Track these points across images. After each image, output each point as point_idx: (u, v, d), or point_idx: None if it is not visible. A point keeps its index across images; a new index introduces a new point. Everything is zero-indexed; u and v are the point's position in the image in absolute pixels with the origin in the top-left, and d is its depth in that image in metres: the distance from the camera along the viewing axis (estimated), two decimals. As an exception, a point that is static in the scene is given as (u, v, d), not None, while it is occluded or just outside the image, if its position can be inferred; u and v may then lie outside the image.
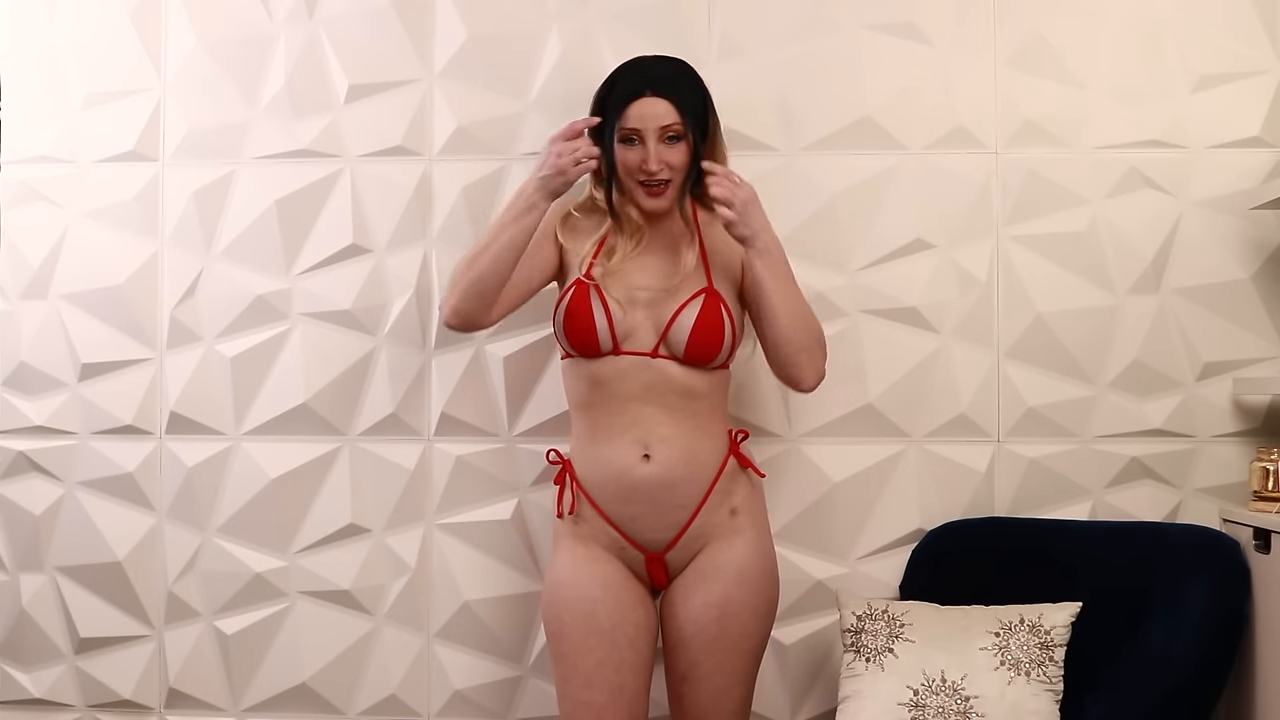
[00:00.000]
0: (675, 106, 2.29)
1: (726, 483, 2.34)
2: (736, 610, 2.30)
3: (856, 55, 2.70)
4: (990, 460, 2.67)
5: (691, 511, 2.30)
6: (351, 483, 2.77)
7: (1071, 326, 2.66)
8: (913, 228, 2.68)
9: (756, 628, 2.34)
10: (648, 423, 2.29)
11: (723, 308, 2.31)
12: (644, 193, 2.33)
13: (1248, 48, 2.66)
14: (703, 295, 2.31)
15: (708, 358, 2.31)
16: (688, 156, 2.31)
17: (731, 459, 2.35)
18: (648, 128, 2.28)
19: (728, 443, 2.37)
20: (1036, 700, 2.28)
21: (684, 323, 2.29)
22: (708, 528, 2.32)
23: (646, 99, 2.29)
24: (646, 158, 2.28)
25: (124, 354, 2.81)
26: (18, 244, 2.86)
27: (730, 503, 2.34)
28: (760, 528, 2.38)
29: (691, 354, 2.30)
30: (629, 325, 2.31)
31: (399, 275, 2.76)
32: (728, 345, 2.32)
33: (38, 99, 2.86)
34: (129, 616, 2.81)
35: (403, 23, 2.77)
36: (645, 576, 2.37)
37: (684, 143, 2.31)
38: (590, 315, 2.30)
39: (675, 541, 2.32)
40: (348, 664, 2.77)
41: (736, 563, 2.32)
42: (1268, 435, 2.63)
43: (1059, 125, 2.67)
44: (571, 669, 2.31)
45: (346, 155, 2.78)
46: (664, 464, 2.28)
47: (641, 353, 2.30)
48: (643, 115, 2.29)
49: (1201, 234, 2.65)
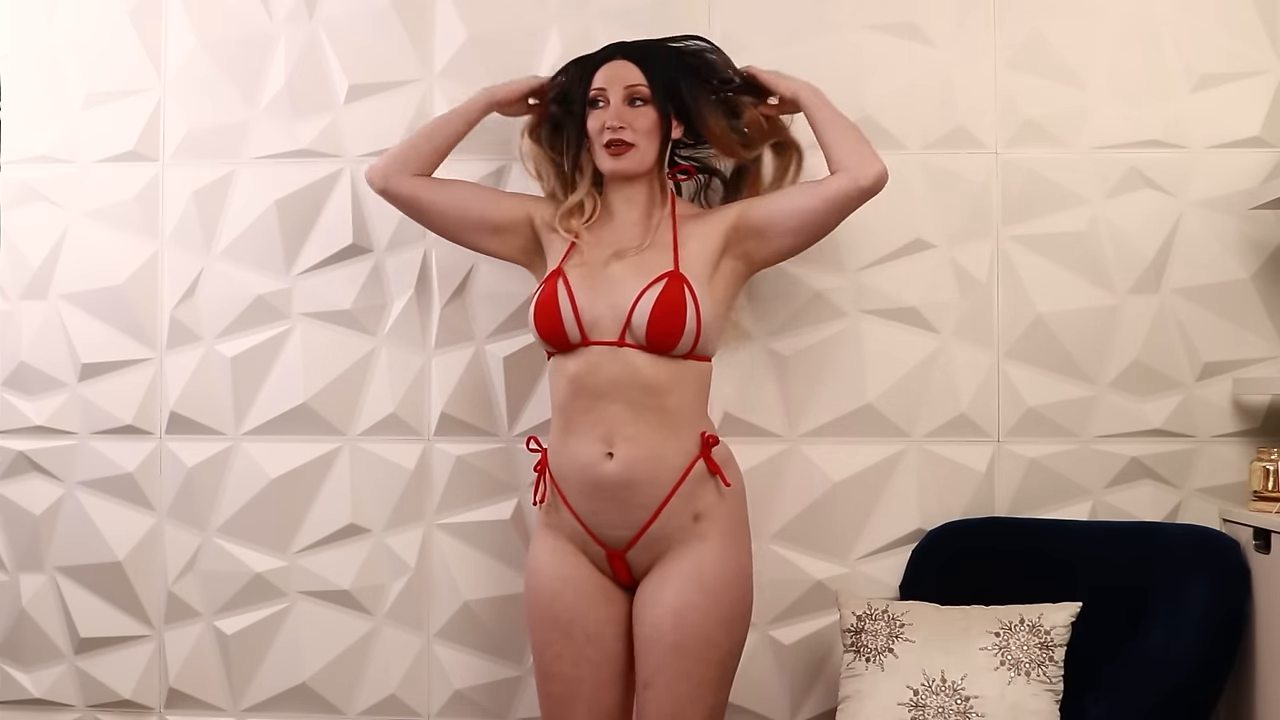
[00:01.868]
0: (642, 71, 2.31)
1: (692, 487, 2.26)
2: (698, 617, 2.23)
3: (857, 55, 2.70)
4: (990, 460, 2.67)
5: (652, 512, 2.25)
6: (351, 483, 2.77)
7: (1071, 326, 2.66)
8: (913, 228, 2.68)
9: (723, 637, 2.25)
10: (613, 420, 2.25)
11: (687, 291, 2.24)
12: (607, 154, 2.31)
13: (1248, 48, 2.66)
14: (665, 279, 2.25)
15: (668, 344, 2.24)
16: (655, 123, 2.30)
17: (700, 463, 2.28)
18: (612, 87, 2.31)
19: (698, 446, 2.29)
20: (1036, 700, 2.28)
21: (644, 307, 2.23)
22: (670, 530, 2.26)
23: (615, 62, 2.33)
24: (609, 117, 2.29)
25: (124, 354, 2.81)
26: (18, 244, 2.86)
27: (694, 507, 2.27)
28: (728, 535, 2.29)
29: (652, 340, 2.23)
30: (595, 314, 2.27)
31: (399, 275, 2.76)
32: (691, 330, 2.24)
33: (38, 99, 2.86)
34: (129, 616, 2.82)
35: (403, 23, 2.77)
36: (610, 572, 2.33)
37: (650, 108, 2.30)
38: (556, 304, 2.29)
39: (635, 541, 2.27)
40: (348, 664, 2.77)
41: (699, 569, 2.24)
42: (1268, 435, 2.63)
43: (1059, 125, 2.68)
44: (537, 659, 2.38)
45: (346, 155, 2.78)
46: (626, 463, 2.24)
47: (608, 342, 2.26)
48: (609, 76, 2.32)
49: (1201, 234, 2.66)
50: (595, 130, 2.32)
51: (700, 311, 2.25)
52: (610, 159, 2.31)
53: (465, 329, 2.75)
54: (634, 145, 2.30)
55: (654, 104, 2.30)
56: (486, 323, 2.74)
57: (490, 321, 2.74)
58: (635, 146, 2.30)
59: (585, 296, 2.28)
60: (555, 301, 2.29)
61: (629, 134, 2.29)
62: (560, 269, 2.33)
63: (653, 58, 2.34)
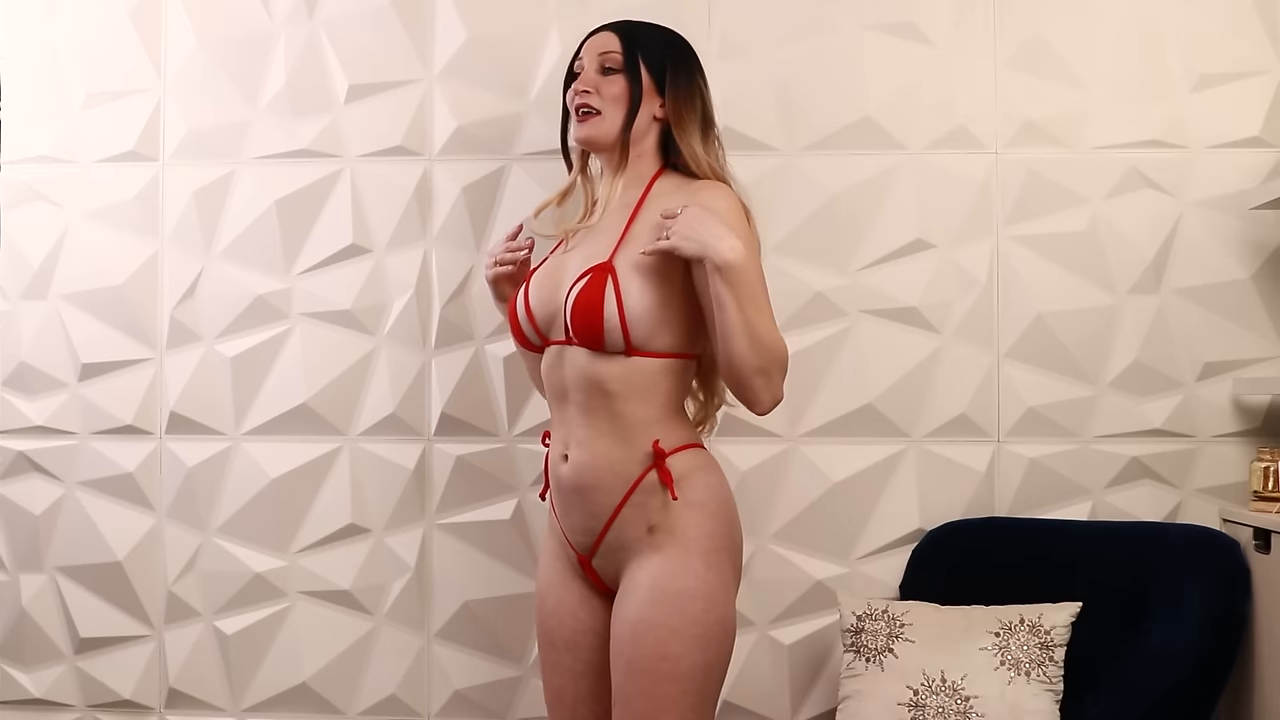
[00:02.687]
0: (619, 39, 2.20)
1: (643, 497, 2.08)
2: (649, 630, 2.03)
3: (856, 55, 2.70)
4: (990, 460, 2.67)
5: (605, 520, 2.12)
6: (351, 483, 2.77)
7: (1071, 326, 2.66)
8: (913, 228, 2.68)
9: (679, 651, 2.02)
10: (571, 422, 2.13)
11: (610, 283, 2.05)
12: (576, 121, 2.20)
13: (1248, 48, 2.66)
14: (591, 273, 2.07)
15: (594, 340, 2.06)
16: (625, 90, 2.17)
17: (653, 473, 2.08)
18: (588, 56, 2.21)
19: (650, 455, 2.08)
20: (1036, 700, 2.28)
21: (570, 303, 2.08)
22: (625, 541, 2.10)
23: (597, 35, 2.23)
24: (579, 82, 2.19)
25: (124, 354, 2.81)
26: (18, 244, 2.86)
27: (648, 519, 2.08)
28: (686, 546, 2.06)
29: (579, 336, 2.07)
30: (547, 312, 2.15)
31: (399, 275, 2.76)
32: (613, 325, 2.04)
33: (38, 99, 2.86)
34: (129, 616, 2.82)
35: (403, 23, 2.77)
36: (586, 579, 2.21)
37: (621, 76, 2.18)
38: (515, 306, 2.22)
39: (595, 547, 2.15)
40: (348, 664, 2.77)
41: (650, 580, 2.05)
42: (1268, 435, 2.63)
43: (1059, 125, 2.68)
44: None
45: (346, 155, 2.78)
46: (577, 467, 2.11)
47: (560, 341, 2.14)
48: (589, 47, 2.22)
49: (1201, 234, 2.66)
50: (570, 102, 2.22)
51: (623, 305, 2.04)
52: (579, 126, 2.20)
53: (465, 329, 2.75)
54: (599, 112, 2.17)
55: (624, 72, 2.18)
56: (486, 323, 2.74)
57: (490, 321, 2.74)
58: (600, 114, 2.17)
59: (537, 296, 2.18)
60: (514, 304, 2.22)
61: (594, 99, 2.17)
62: (532, 268, 2.24)
63: (633, 34, 2.22)
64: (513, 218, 2.72)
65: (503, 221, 2.74)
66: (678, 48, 2.24)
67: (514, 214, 2.73)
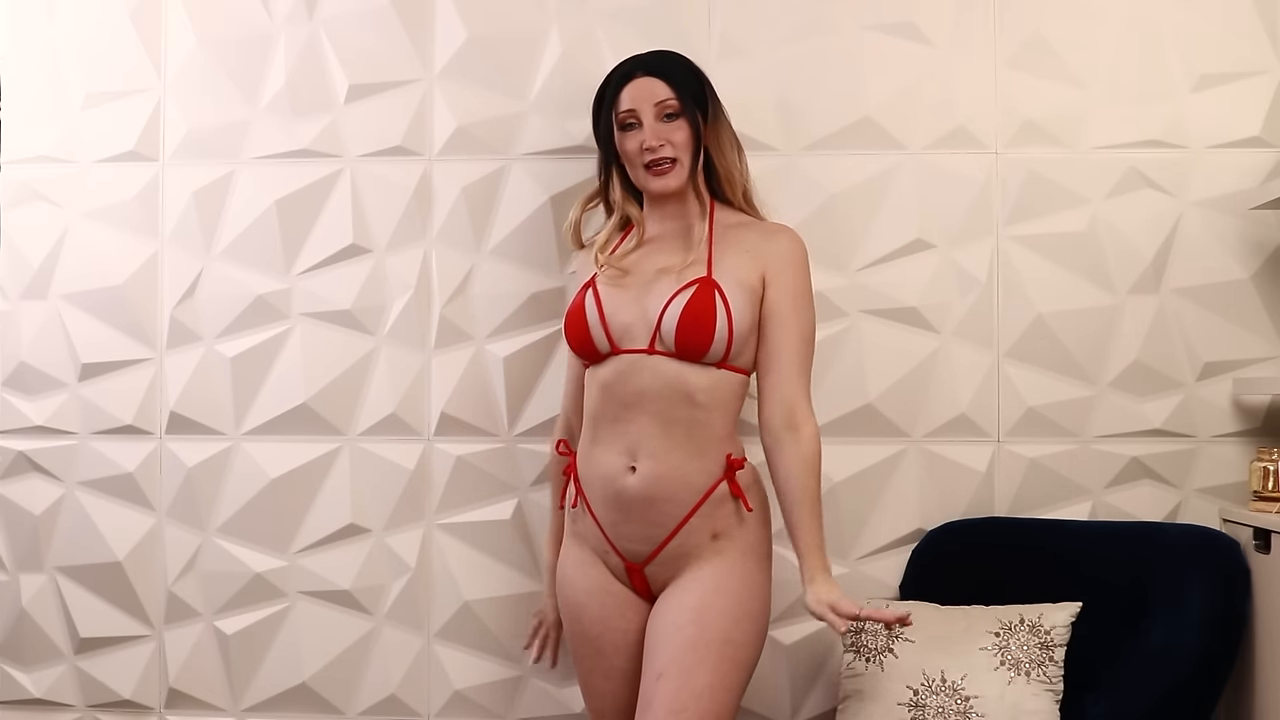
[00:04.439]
0: (668, 84, 2.26)
1: (712, 508, 2.21)
2: (718, 615, 2.17)
3: (856, 55, 2.70)
4: (990, 460, 2.67)
5: (670, 530, 2.21)
6: (351, 483, 2.77)
7: (1071, 326, 2.66)
8: (913, 228, 2.68)
9: (740, 639, 2.18)
10: (639, 433, 2.21)
11: (718, 295, 2.19)
12: (650, 174, 2.27)
13: (1248, 48, 2.66)
14: (696, 284, 2.20)
15: (698, 349, 2.18)
16: (690, 134, 2.26)
17: (723, 485, 2.22)
18: (642, 106, 2.26)
19: (723, 467, 2.23)
20: (1036, 700, 2.28)
21: (673, 312, 2.19)
22: (688, 548, 2.21)
23: (638, 79, 2.27)
24: (646, 136, 2.25)
25: (124, 354, 2.81)
26: (18, 244, 2.86)
27: (714, 527, 2.22)
28: (747, 554, 2.23)
29: (681, 345, 2.18)
30: (624, 321, 2.24)
31: (399, 275, 2.76)
32: (722, 336, 2.18)
33: (38, 99, 2.86)
34: (129, 616, 2.82)
35: (403, 23, 2.77)
36: (629, 584, 2.29)
37: (683, 120, 2.26)
38: (584, 314, 2.27)
39: (653, 556, 2.23)
40: (348, 664, 2.77)
41: (717, 575, 2.19)
42: (1268, 435, 2.63)
43: (1059, 125, 2.68)
44: (578, 674, 2.40)
45: (346, 155, 2.78)
46: (647, 479, 2.20)
47: (638, 350, 2.22)
48: (636, 95, 2.26)
49: (1201, 234, 2.66)
50: (634, 152, 2.27)
51: (732, 317, 2.19)
52: (655, 179, 2.27)
53: (465, 329, 2.75)
54: (676, 160, 2.26)
55: (685, 116, 2.26)
56: (486, 323, 2.74)
57: (490, 321, 2.74)
58: (677, 161, 2.26)
59: (613, 305, 2.25)
60: (583, 311, 2.27)
61: (669, 150, 2.25)
62: (592, 280, 2.30)
63: (673, 71, 2.29)
64: (513, 217, 2.73)
65: (502, 221, 2.74)
66: (700, 74, 2.35)
67: (514, 214, 2.73)
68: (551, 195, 2.72)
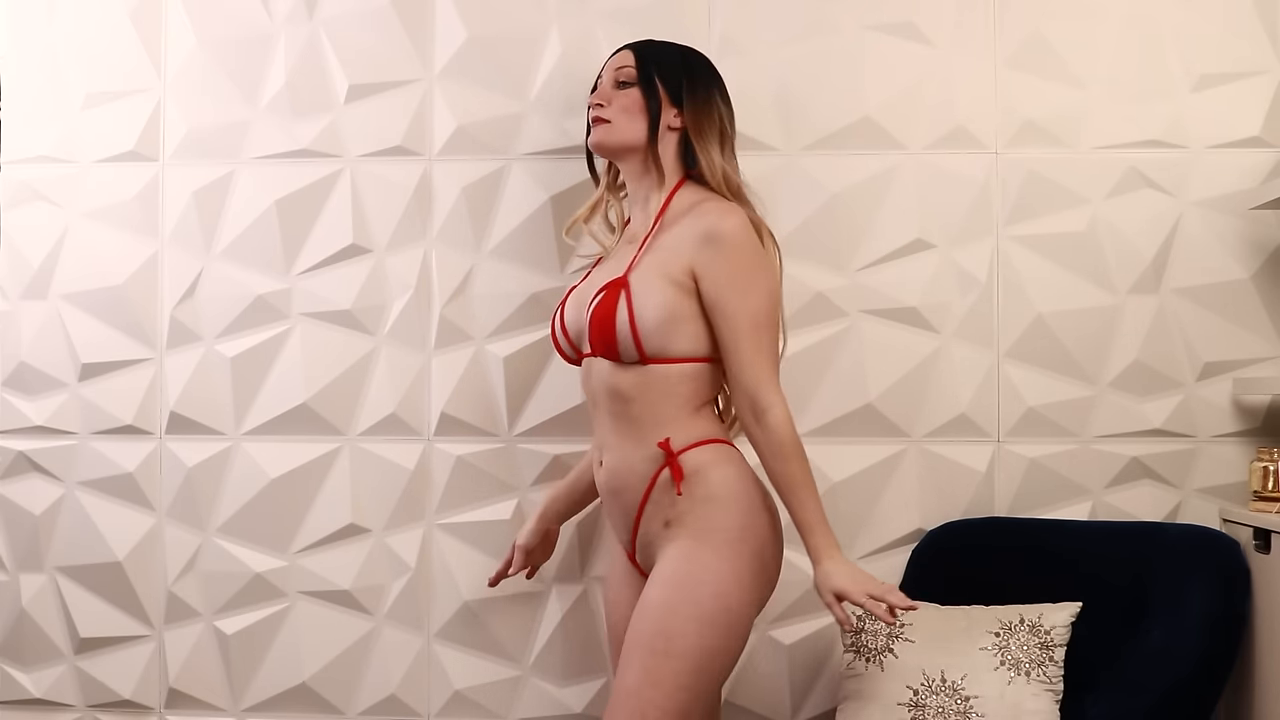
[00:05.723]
0: (637, 58, 2.32)
1: (660, 494, 2.19)
2: (651, 608, 2.09)
3: (856, 55, 2.70)
4: (990, 460, 2.67)
5: (635, 519, 2.24)
6: (351, 483, 2.77)
7: (1071, 326, 2.66)
8: (913, 228, 2.68)
9: (677, 629, 2.06)
10: (601, 430, 2.28)
11: (623, 298, 2.16)
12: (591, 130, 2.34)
13: (1248, 48, 2.66)
14: (607, 288, 2.19)
15: (612, 351, 2.17)
16: (639, 104, 2.28)
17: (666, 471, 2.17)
18: (606, 73, 2.35)
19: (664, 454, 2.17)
20: (1036, 700, 2.28)
21: (588, 318, 2.23)
22: (650, 537, 2.21)
23: (618, 54, 2.36)
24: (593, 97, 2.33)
25: (124, 354, 2.81)
26: (18, 244, 2.86)
27: (664, 514, 2.18)
28: (696, 538, 2.13)
29: (597, 350, 2.21)
30: (578, 328, 2.31)
31: (399, 275, 2.76)
32: (625, 337, 2.14)
33: (38, 99, 2.86)
34: (129, 616, 2.82)
35: (403, 23, 2.77)
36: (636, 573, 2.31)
37: (636, 90, 2.30)
38: (553, 322, 2.36)
39: (634, 544, 2.27)
40: (348, 664, 2.77)
41: (662, 566, 2.14)
42: (1268, 435, 2.63)
43: (1059, 125, 2.68)
44: None
45: (346, 155, 2.78)
46: (609, 471, 2.26)
47: (589, 354, 2.28)
48: (608, 66, 2.36)
49: (1201, 234, 2.66)
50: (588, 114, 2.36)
51: (635, 315, 2.14)
52: (591, 133, 2.33)
53: (465, 329, 2.75)
54: (609, 120, 2.29)
55: (638, 85, 2.30)
56: (486, 323, 2.74)
57: (490, 321, 2.74)
58: (610, 122, 2.29)
59: (570, 313, 2.33)
60: (554, 321, 2.36)
61: (606, 110, 2.30)
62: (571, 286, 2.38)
63: (655, 51, 2.35)
64: (513, 217, 2.73)
65: (503, 221, 2.74)
66: (696, 63, 2.37)
67: (514, 214, 2.73)
68: (552, 195, 2.72)
